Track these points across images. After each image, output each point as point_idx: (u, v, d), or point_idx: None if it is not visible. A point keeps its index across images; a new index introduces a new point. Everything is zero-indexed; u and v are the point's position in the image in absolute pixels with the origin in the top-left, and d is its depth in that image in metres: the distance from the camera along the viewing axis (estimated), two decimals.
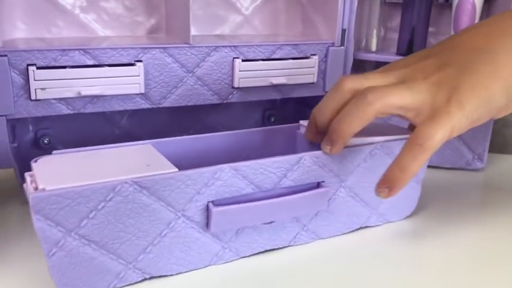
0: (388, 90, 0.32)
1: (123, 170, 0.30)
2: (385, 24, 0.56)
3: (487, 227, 0.40)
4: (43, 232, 0.27)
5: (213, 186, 0.31)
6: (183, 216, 0.31)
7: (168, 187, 0.30)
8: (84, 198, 0.27)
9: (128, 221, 0.29)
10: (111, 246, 0.29)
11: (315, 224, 0.36)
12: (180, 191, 0.30)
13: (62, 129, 0.47)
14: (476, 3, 0.51)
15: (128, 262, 0.30)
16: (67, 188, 0.27)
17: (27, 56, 0.38)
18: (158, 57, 0.42)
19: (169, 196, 0.30)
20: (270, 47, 0.47)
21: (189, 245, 0.32)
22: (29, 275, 0.32)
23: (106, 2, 0.47)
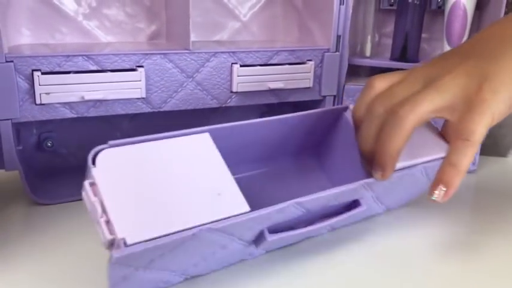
0: (415, 100, 0.32)
1: (197, 206, 0.29)
2: (379, 30, 0.58)
3: (476, 226, 0.42)
4: (113, 270, 0.27)
5: (273, 218, 0.31)
6: (239, 239, 0.31)
7: (238, 226, 0.29)
8: (162, 247, 0.27)
9: (189, 250, 0.29)
10: (166, 267, 0.29)
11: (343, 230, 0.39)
12: (245, 227, 0.30)
13: (65, 133, 0.48)
14: (468, 9, 0.52)
15: (177, 274, 0.31)
16: (149, 242, 0.26)
17: (32, 62, 0.39)
18: (159, 63, 0.44)
19: (235, 230, 0.30)
20: (268, 52, 0.48)
21: (232, 253, 0.32)
22: (31, 276, 0.33)
23: (108, 9, 0.48)
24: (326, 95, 0.52)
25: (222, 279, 0.33)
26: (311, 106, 0.54)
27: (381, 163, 0.33)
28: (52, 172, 0.47)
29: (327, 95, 0.52)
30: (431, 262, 0.36)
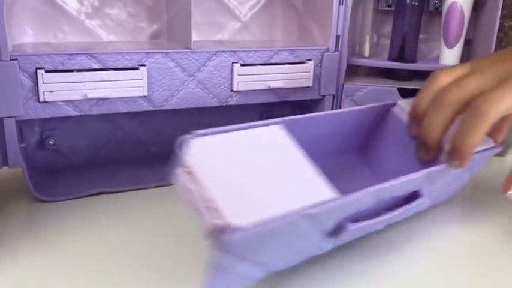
0: (496, 97, 0.33)
1: (288, 193, 0.29)
2: (378, 30, 0.58)
3: (472, 222, 0.43)
4: (217, 259, 0.26)
5: (352, 207, 0.31)
6: (322, 229, 0.31)
7: (328, 213, 0.30)
8: (268, 233, 0.26)
9: (282, 239, 0.29)
10: (258, 258, 0.29)
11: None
12: (331, 215, 0.30)
13: (67, 131, 0.49)
14: (465, 11, 0.53)
15: (261, 267, 0.30)
16: (260, 226, 0.25)
17: (36, 60, 0.40)
18: (161, 62, 0.44)
19: (323, 217, 0.30)
20: (268, 52, 0.49)
21: (308, 246, 0.32)
22: (33, 273, 0.34)
23: (110, 9, 0.48)
24: (325, 94, 0.53)
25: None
26: (310, 105, 0.55)
27: (460, 153, 0.35)
28: (54, 170, 0.48)
29: (326, 94, 0.53)
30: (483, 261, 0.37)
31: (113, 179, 0.47)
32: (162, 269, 0.34)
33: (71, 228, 0.39)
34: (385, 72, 0.58)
